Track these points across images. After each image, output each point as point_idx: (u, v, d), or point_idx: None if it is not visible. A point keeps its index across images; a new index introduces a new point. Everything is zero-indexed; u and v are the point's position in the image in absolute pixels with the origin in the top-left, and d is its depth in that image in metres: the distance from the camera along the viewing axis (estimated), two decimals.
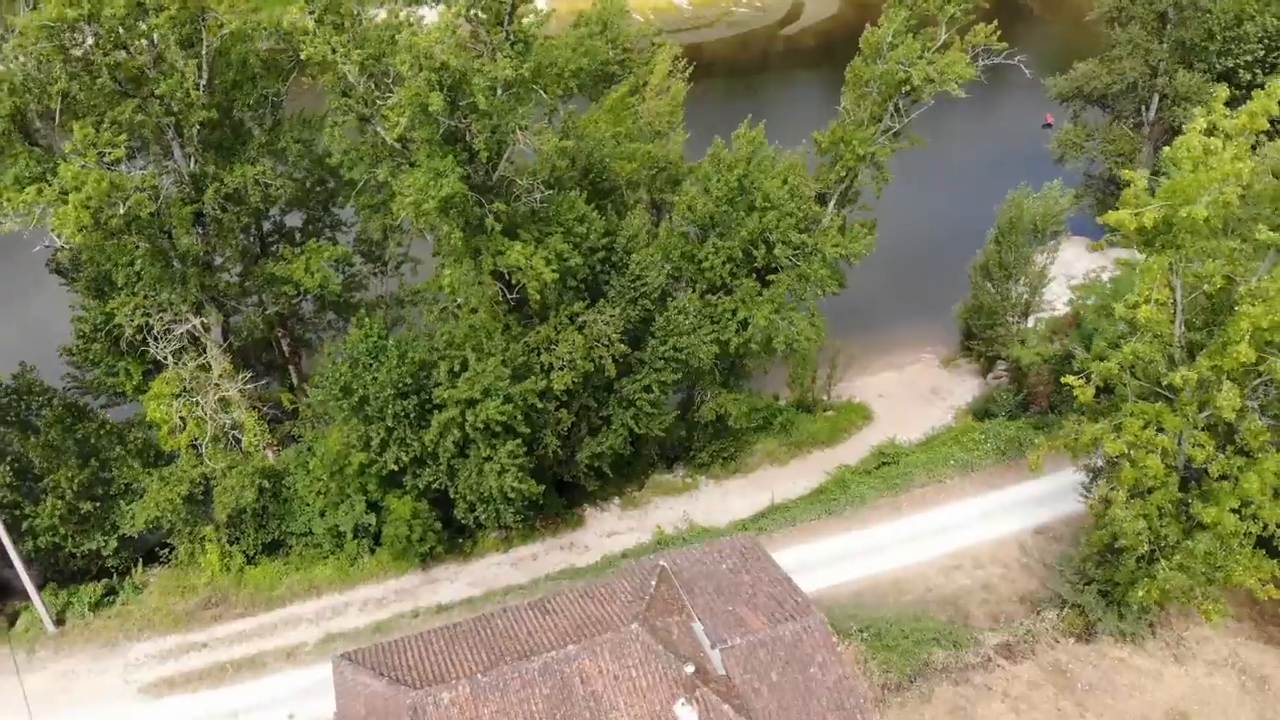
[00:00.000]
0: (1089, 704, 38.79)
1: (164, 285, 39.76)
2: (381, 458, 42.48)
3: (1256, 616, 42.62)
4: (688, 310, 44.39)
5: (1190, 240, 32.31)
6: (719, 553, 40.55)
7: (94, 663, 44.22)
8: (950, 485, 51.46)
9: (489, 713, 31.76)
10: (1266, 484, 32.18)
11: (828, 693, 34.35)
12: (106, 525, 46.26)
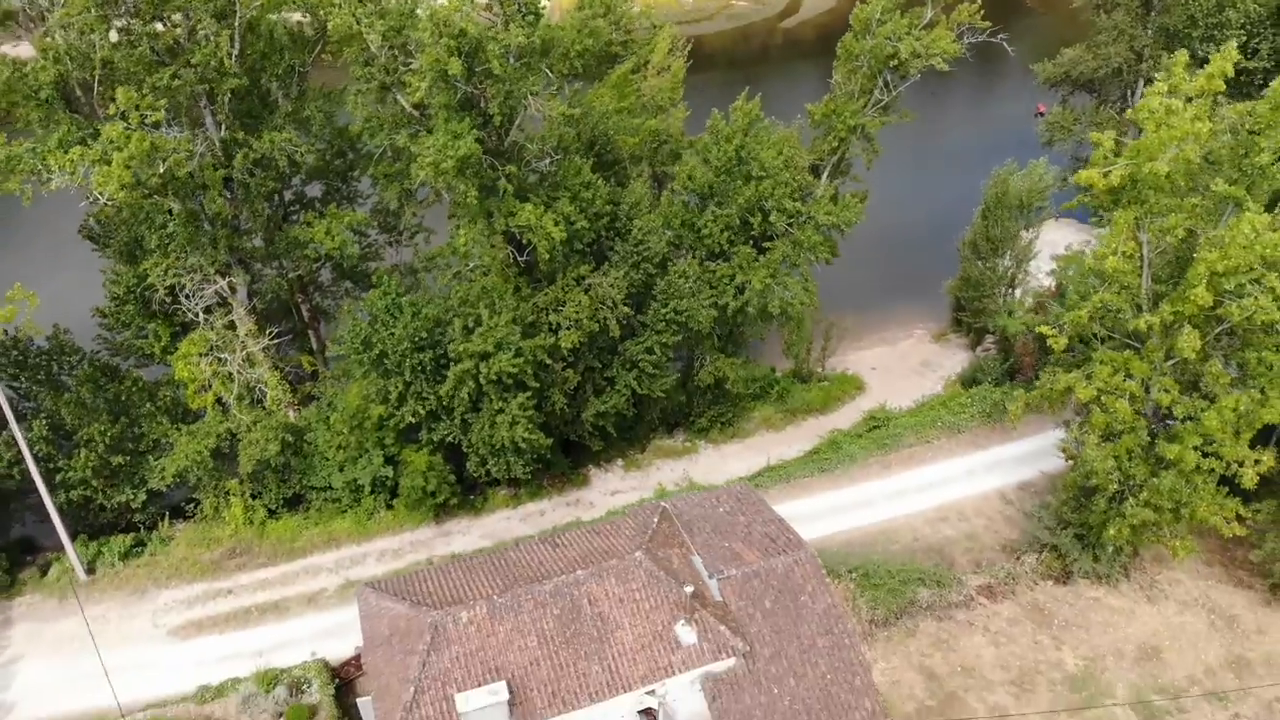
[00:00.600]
0: (1064, 638, 41.26)
1: (195, 247, 42.23)
2: (399, 411, 44.97)
3: (1227, 562, 45.08)
4: (688, 274, 46.89)
5: (1154, 196, 34.85)
6: (716, 498, 43.13)
7: (124, 608, 46.55)
8: (937, 445, 53.90)
9: (504, 630, 34.25)
10: (1226, 422, 34.64)
11: (817, 619, 36.82)
12: (136, 479, 48.70)
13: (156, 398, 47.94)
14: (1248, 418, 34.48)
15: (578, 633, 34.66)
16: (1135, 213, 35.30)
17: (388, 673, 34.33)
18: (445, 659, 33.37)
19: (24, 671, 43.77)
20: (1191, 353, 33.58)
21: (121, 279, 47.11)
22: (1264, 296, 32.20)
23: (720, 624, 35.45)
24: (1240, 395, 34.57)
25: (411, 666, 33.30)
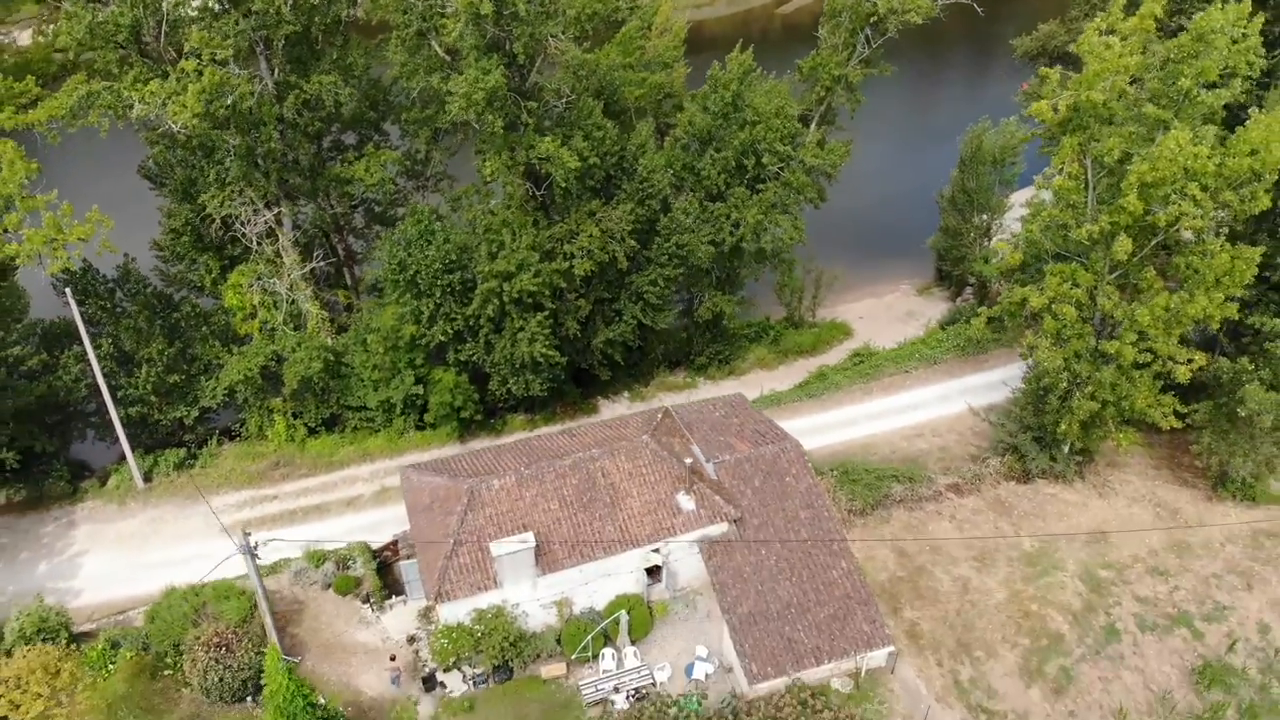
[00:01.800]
0: (1023, 525, 46.45)
1: (248, 180, 47.44)
2: (430, 331, 50.12)
3: (1174, 466, 50.22)
4: (689, 210, 52.10)
5: (1094, 124, 40.09)
6: (713, 405, 48.60)
7: (179, 511, 51.53)
8: (915, 375, 58.99)
9: (530, 495, 39.52)
10: (1156, 317, 39.82)
11: (800, 495, 42.13)
12: (189, 398, 53.83)
13: (209, 323, 52.97)
14: (1176, 314, 39.62)
15: (593, 499, 39.90)
16: (1079, 138, 40.54)
17: (429, 532, 39.58)
18: (480, 518, 38.62)
19: (89, 564, 48.54)
20: (1124, 255, 38.73)
21: (177, 215, 52.20)
22: (1186, 203, 37.35)
23: (715, 494, 40.69)
24: (1170, 295, 39.75)
25: (450, 525, 38.56)
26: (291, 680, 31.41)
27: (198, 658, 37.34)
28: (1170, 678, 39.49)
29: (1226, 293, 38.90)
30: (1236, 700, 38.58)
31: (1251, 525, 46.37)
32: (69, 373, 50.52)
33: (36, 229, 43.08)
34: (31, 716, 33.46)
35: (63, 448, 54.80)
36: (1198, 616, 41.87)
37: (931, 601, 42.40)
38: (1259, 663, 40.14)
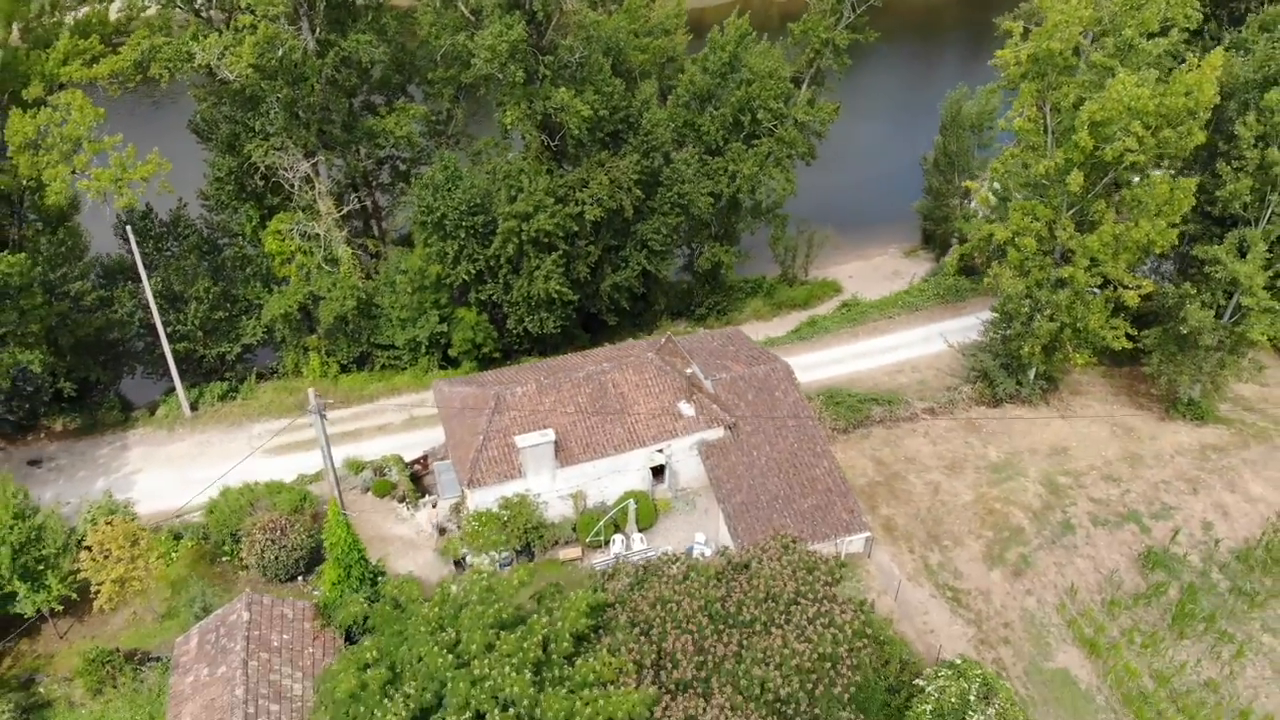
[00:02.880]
0: (990, 441, 51.37)
1: (290, 131, 52.41)
2: (454, 270, 55.06)
3: (1132, 393, 55.09)
4: (689, 162, 57.07)
5: (1051, 71, 45.06)
6: (710, 336, 53.62)
7: (224, 435, 56.44)
8: (898, 320, 63.90)
9: (549, 401, 44.45)
10: (1105, 243, 44.75)
11: (788, 406, 47.01)
12: (232, 335, 58.86)
13: (251, 264, 57.93)
14: (1122, 239, 44.53)
15: (604, 405, 44.84)
16: (1038, 85, 45.52)
17: (460, 433, 44.54)
18: (505, 419, 43.58)
19: (143, 480, 53.23)
20: (1077, 188, 43.67)
21: (222, 165, 57.08)
22: (1130, 139, 42.25)
23: (713, 403, 45.61)
24: (1116, 224, 44.70)
25: (480, 425, 43.53)
26: (350, 533, 36.35)
27: (255, 540, 42.25)
28: (1119, 563, 44.36)
29: (1168, 220, 43.78)
30: (1178, 582, 43.39)
31: (1199, 440, 51.25)
32: (124, 306, 55.54)
33: (104, 168, 48.03)
34: (114, 577, 38.32)
35: (115, 380, 59.87)
36: (1146, 515, 46.74)
37: (905, 501, 47.30)
38: (1201, 553, 45.00)
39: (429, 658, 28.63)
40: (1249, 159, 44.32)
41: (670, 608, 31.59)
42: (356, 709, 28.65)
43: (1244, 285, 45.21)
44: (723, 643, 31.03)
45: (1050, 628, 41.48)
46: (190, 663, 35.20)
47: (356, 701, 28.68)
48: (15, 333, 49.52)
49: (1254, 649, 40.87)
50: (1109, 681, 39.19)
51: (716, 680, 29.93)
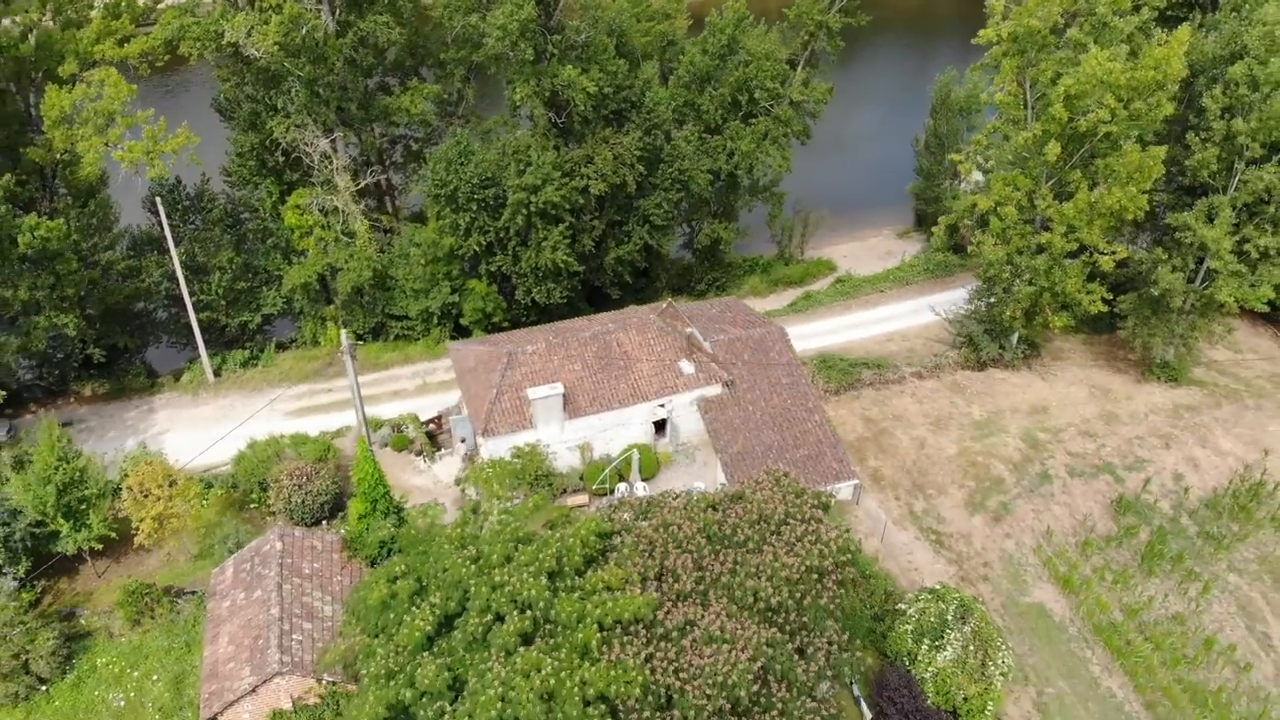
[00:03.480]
0: (974, 401, 54.18)
1: (311, 108, 55.22)
2: (466, 242, 57.82)
3: (1110, 359, 57.91)
4: (690, 139, 59.88)
5: (1031, 48, 47.89)
6: (709, 305, 56.40)
7: (246, 399, 59.18)
8: (889, 293, 66.73)
9: (558, 359, 47.25)
10: (1080, 210, 47.52)
11: (782, 368, 49.80)
12: (253, 305, 61.69)
13: (273, 236, 60.74)
14: (1097, 206, 47.32)
15: (609, 363, 47.65)
16: (1018, 61, 48.36)
17: (475, 388, 47.36)
18: (517, 374, 46.40)
19: (170, 440, 55.67)
20: (1054, 157, 46.49)
21: (243, 142, 59.88)
22: (1103, 111, 45.06)
23: (711, 362, 48.44)
24: (1090, 191, 47.50)
25: (493, 380, 46.35)
26: (376, 468, 39.16)
27: (283, 485, 45.04)
28: (1093, 510, 47.15)
29: (1139, 186, 46.55)
30: (1149, 526, 46.18)
31: (1173, 400, 54.08)
32: (151, 276, 58.37)
33: (137, 140, 50.85)
34: (154, 514, 41.10)
35: (141, 348, 62.72)
36: (1120, 467, 49.57)
37: (892, 454, 50.12)
38: (1171, 501, 47.79)
39: (453, 568, 31.44)
40: (1216, 130, 47.13)
41: (672, 529, 34.41)
42: (387, 616, 31.45)
43: (1212, 249, 48.00)
44: (719, 561, 33.85)
45: (1027, 567, 44.28)
46: (227, 589, 38.03)
47: (387, 609, 31.50)
48: (52, 297, 52.30)
49: (1220, 587, 43.65)
50: (1081, 614, 41.99)
51: (714, 592, 32.74)
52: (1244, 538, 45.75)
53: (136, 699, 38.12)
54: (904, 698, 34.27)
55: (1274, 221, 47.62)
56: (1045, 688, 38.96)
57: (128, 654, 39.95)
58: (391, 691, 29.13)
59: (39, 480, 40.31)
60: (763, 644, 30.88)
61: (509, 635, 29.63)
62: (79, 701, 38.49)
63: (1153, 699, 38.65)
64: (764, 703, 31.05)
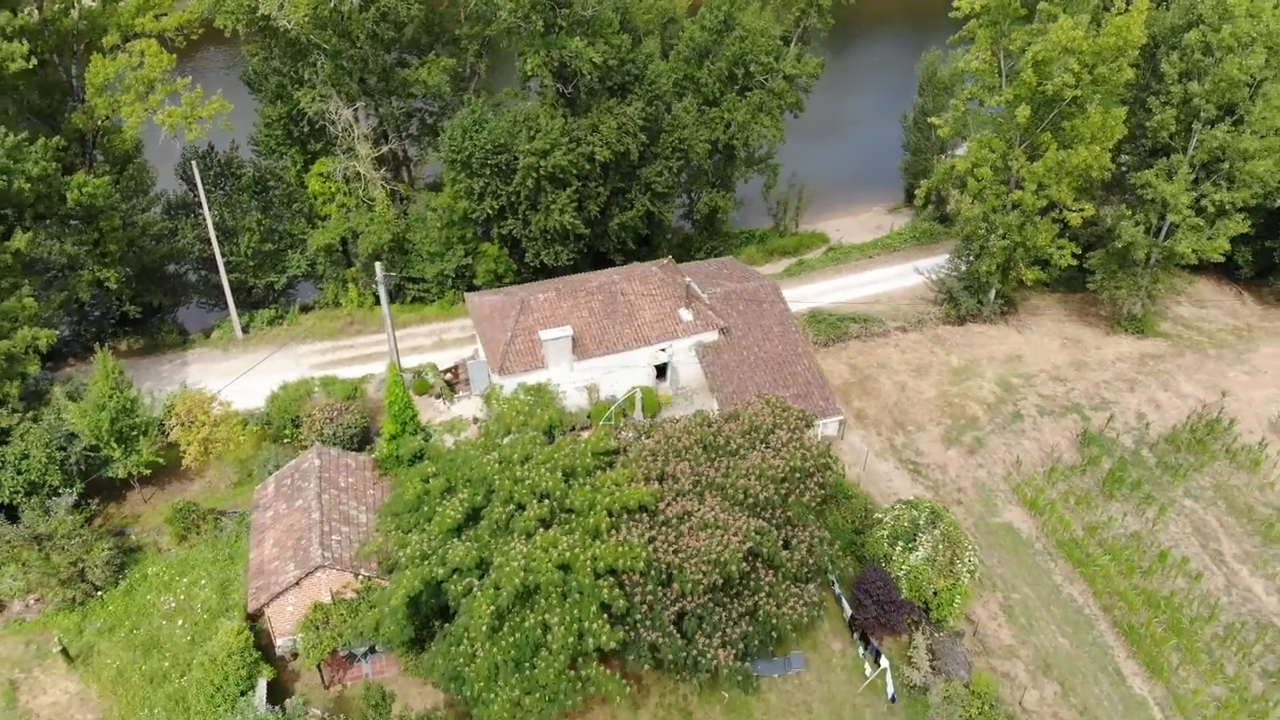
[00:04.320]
0: (953, 351, 58.13)
1: (336, 80, 59.17)
2: (480, 206, 61.73)
3: (1083, 315, 61.87)
4: (689, 110, 63.82)
5: (1003, 19, 51.86)
6: (706, 264, 60.44)
7: (272, 353, 63.10)
8: (877, 259, 70.71)
9: (567, 306, 51.23)
10: (1049, 169, 51.49)
11: (775, 316, 53.82)
12: (279, 266, 65.64)
13: (298, 200, 64.69)
14: (1064, 165, 51.27)
15: (614, 310, 51.60)
16: (992, 32, 52.34)
17: (490, 331, 51.32)
18: (530, 319, 50.38)
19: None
20: (1024, 119, 50.45)
21: (271, 113, 63.77)
22: (1068, 75, 49.00)
23: (709, 310, 52.41)
24: (1059, 153, 51.44)
25: (507, 325, 50.33)
26: (405, 392, 43.08)
27: (315, 419, 48.99)
28: (1060, 443, 51.12)
29: (1102, 145, 50.50)
30: (1111, 458, 50.11)
31: (1140, 350, 58.03)
32: (185, 237, 62.33)
33: (176, 106, 54.82)
34: (200, 438, 45.06)
35: (173, 307, 66.69)
36: (1087, 407, 53.53)
37: (875, 397, 54.08)
38: (1133, 436, 51.75)
39: (478, 467, 35.42)
40: (1174, 94, 51.10)
41: (672, 441, 38.37)
42: (420, 510, 35.40)
43: (1172, 204, 51.96)
44: (714, 467, 37.81)
45: (998, 492, 48.24)
46: (269, 502, 42.01)
47: (420, 504, 35.44)
48: (94, 252, 56.27)
49: (1176, 510, 47.62)
50: (1045, 532, 45.95)
51: (709, 493, 36.69)
52: (1200, 468, 49.67)
53: (185, 602, 42.06)
54: (880, 590, 38.19)
55: (1229, 178, 51.58)
56: (1011, 594, 42.91)
57: (175, 565, 43.91)
58: (426, 569, 33.08)
59: (94, 406, 44.24)
60: (752, 531, 34.82)
61: (529, 520, 33.59)
62: (132, 605, 42.43)
63: (1109, 603, 42.58)
64: (753, 585, 35.02)
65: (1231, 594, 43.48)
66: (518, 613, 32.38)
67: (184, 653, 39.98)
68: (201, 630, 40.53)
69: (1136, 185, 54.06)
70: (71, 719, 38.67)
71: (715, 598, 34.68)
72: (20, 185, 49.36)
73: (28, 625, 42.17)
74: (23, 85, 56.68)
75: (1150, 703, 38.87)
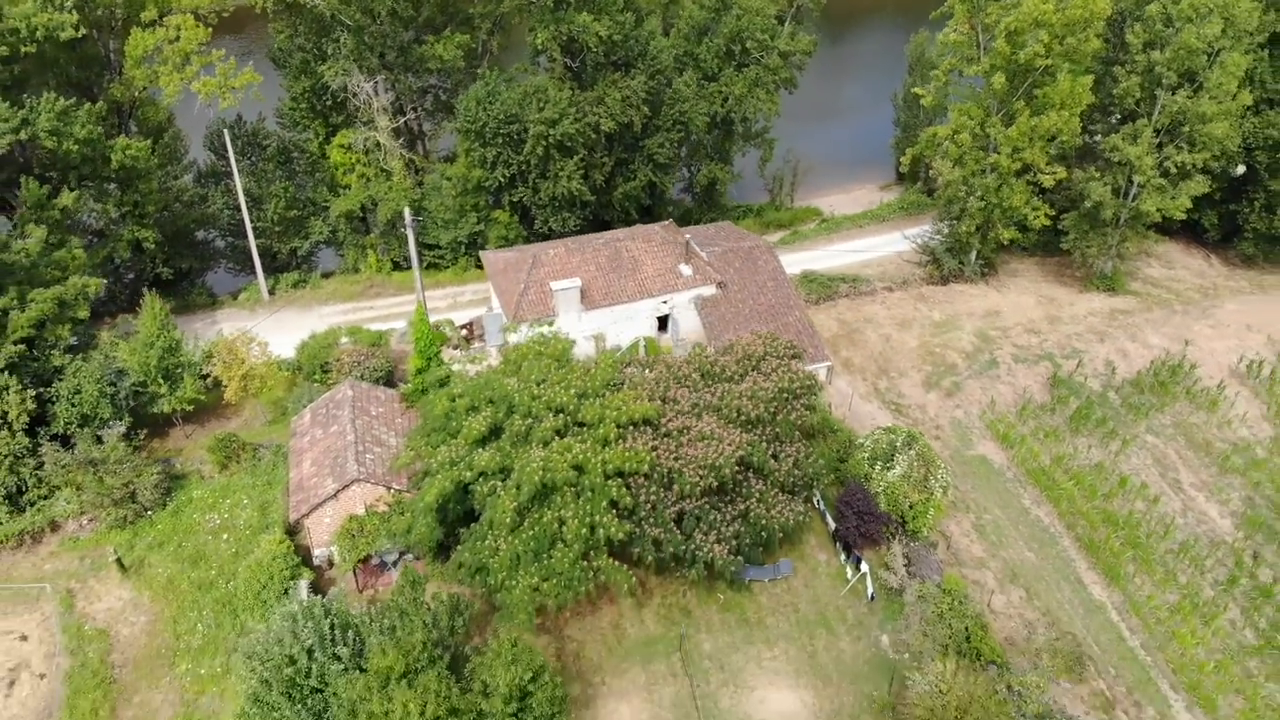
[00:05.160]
0: (935, 307, 62.15)
1: (359, 55, 63.19)
2: (493, 174, 65.75)
3: (1059, 276, 65.90)
4: (689, 84, 67.85)
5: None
6: (704, 228, 64.32)
7: (297, 314, 66.97)
8: (867, 229, 74.71)
9: (576, 261, 55.22)
10: (1023, 133, 55.52)
11: (769, 273, 57.79)
12: (302, 232, 69.68)
13: (320, 169, 68.73)
14: (1037, 129, 55.29)
15: (619, 266, 55.59)
16: (969, 6, 56.36)
17: (505, 284, 55.31)
18: (541, 272, 54.37)
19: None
20: (999, 87, 54.47)
21: (295, 88, 67.77)
22: (1038, 45, 53.00)
23: (707, 266, 56.42)
24: (1031, 118, 55.45)
25: (520, 277, 54.31)
26: (430, 329, 47.06)
27: (343, 363, 52.96)
28: (1032, 387, 55.14)
29: (1071, 111, 54.51)
30: (1079, 399, 54.10)
31: (1110, 306, 62.07)
32: (215, 203, 66.38)
33: (210, 77, 58.89)
34: (240, 373, 49.11)
35: (203, 271, 70.75)
36: (1058, 355, 57.53)
37: (861, 347, 58.10)
38: (1100, 381, 55.73)
39: (499, 388, 39.45)
40: (1138, 62, 55.13)
41: (673, 369, 42.40)
42: (448, 424, 39.42)
43: (1137, 166, 55.99)
44: (711, 392, 41.84)
45: (973, 429, 52.27)
46: (306, 429, 46.04)
47: (448, 419, 39.46)
48: (134, 214, 60.31)
49: (1138, 445, 51.60)
50: (1015, 462, 49.98)
51: (706, 414, 40.71)
52: (1162, 408, 53.68)
53: (229, 520, 46.06)
54: (860, 504, 42.19)
55: (1189, 141, 55.58)
56: (983, 514, 46.93)
57: (218, 490, 47.93)
58: (455, 473, 37.11)
59: (144, 345, 48.27)
60: (743, 442, 38.85)
61: (546, 430, 37.63)
62: (179, 524, 46.45)
63: (1072, 522, 46.59)
64: (744, 491, 39.07)
65: (1188, 516, 47.43)
66: (536, 510, 36.38)
67: (228, 564, 43.99)
68: (244, 544, 44.51)
69: (1106, 150, 58.04)
70: (126, 620, 42.67)
71: (711, 501, 38.73)
72: (69, 147, 53.40)
73: (82, 542, 46.19)
74: (63, 58, 60.72)
75: (1109, 607, 42.84)
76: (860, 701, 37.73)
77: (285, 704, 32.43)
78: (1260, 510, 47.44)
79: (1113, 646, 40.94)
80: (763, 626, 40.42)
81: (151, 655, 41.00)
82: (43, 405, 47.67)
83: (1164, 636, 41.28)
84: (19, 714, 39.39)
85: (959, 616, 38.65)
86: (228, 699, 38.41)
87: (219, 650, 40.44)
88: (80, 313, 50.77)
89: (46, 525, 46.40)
